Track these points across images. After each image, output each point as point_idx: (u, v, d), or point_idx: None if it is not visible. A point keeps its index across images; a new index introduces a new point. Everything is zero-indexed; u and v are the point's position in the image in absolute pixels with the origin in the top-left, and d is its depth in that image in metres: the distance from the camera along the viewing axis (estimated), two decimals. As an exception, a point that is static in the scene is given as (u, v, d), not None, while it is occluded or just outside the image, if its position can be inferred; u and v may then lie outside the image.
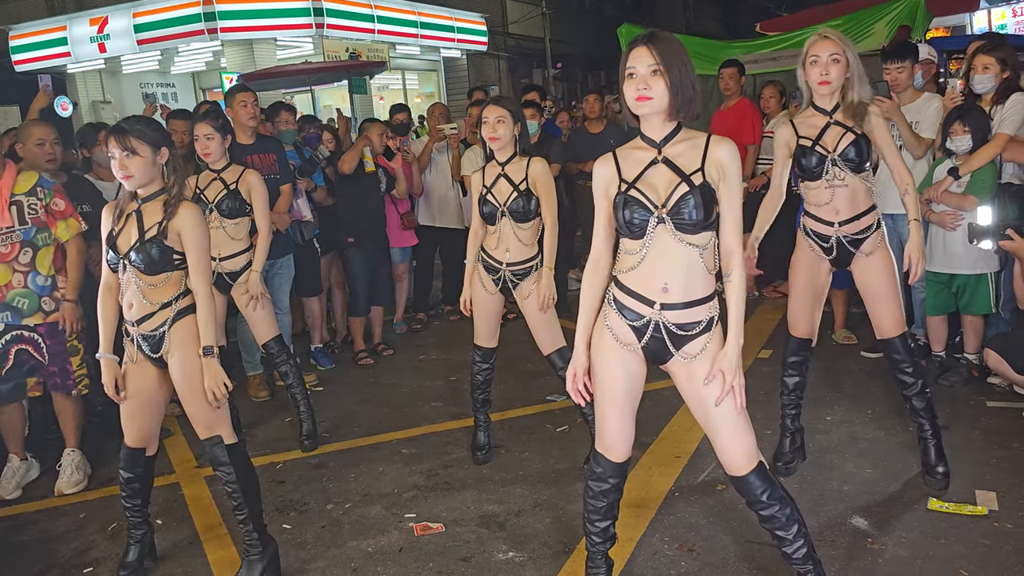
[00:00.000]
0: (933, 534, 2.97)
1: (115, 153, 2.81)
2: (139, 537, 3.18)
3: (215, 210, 4.21)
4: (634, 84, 2.25)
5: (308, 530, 3.44)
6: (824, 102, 3.21)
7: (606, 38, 24.99)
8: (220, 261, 4.22)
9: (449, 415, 4.63)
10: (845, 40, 3.12)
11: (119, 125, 2.85)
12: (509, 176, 3.62)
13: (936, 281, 4.37)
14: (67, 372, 3.97)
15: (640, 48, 2.25)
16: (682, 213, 2.27)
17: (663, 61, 2.21)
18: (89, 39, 14.49)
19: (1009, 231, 3.54)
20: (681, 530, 3.16)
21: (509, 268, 3.70)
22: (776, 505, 2.40)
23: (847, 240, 3.25)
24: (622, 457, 2.55)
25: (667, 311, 2.34)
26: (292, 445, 4.36)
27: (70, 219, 3.95)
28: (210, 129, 4.17)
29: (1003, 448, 3.62)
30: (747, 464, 2.40)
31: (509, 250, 3.68)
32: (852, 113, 3.15)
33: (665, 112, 2.28)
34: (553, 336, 3.76)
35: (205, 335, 2.87)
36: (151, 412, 3.05)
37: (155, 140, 2.85)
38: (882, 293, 3.27)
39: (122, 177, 2.84)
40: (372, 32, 15.06)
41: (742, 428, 2.39)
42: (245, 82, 10.29)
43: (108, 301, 3.00)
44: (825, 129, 3.20)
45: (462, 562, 3.09)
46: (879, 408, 4.17)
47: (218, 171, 4.26)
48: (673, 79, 2.22)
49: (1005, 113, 4.16)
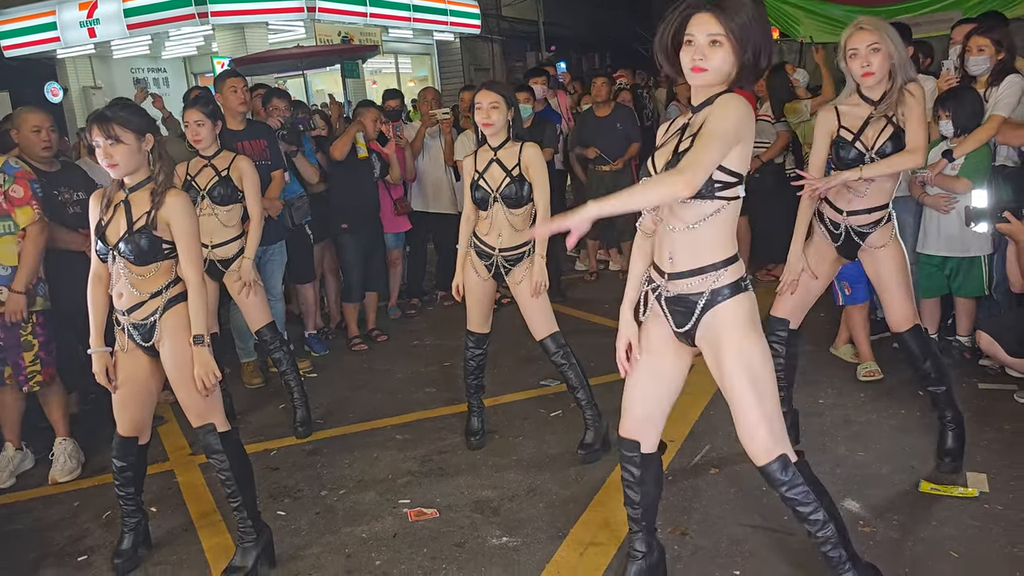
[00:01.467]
0: (924, 516, 2.99)
1: (99, 141, 2.77)
2: (133, 525, 3.18)
3: (207, 197, 4.19)
4: (690, 53, 2.13)
5: (302, 516, 3.45)
6: (872, 93, 3.14)
7: (600, 21, 24.96)
8: (212, 248, 4.20)
9: (443, 401, 4.63)
10: (884, 27, 3.05)
11: (102, 112, 2.80)
12: (502, 161, 3.61)
13: (929, 263, 4.37)
14: (19, 367, 3.87)
15: (703, 14, 2.10)
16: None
17: (729, 32, 2.07)
18: (79, 24, 14.35)
19: (1006, 213, 3.54)
20: (674, 514, 3.17)
21: (502, 253, 3.69)
22: (799, 496, 2.33)
23: (854, 230, 3.25)
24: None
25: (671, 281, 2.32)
26: (286, 432, 4.36)
27: (26, 207, 3.81)
28: (200, 115, 4.14)
29: (994, 430, 3.63)
30: (764, 454, 2.32)
31: (501, 235, 3.67)
32: (895, 98, 3.07)
33: (722, 82, 2.16)
34: (547, 321, 3.76)
35: (196, 324, 2.85)
36: (143, 401, 3.04)
37: (139, 127, 2.81)
38: (890, 287, 3.27)
39: (107, 166, 2.80)
40: (364, 16, 14.93)
41: (753, 419, 2.29)
42: (236, 67, 10.22)
43: (97, 291, 2.98)
44: (867, 122, 3.15)
45: (456, 547, 3.10)
46: (872, 391, 4.18)
47: (209, 157, 4.23)
48: (741, 48, 2.08)
49: (1000, 95, 4.14)
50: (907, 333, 3.29)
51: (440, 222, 6.42)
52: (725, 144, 2.10)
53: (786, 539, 2.96)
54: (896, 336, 3.36)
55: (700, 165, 2.05)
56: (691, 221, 2.24)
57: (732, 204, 2.24)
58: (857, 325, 4.45)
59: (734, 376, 2.28)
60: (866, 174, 3.09)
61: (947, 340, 4.56)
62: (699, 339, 2.34)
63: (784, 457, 2.32)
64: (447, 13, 17.36)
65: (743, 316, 2.28)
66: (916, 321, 3.30)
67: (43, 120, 4.20)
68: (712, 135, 2.07)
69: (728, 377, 2.29)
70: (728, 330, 2.27)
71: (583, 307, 6.27)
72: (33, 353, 3.91)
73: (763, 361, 2.29)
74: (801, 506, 2.34)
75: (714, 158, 2.08)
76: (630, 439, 2.57)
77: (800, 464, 2.34)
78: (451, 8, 17.47)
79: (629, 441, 2.57)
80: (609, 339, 5.60)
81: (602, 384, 4.45)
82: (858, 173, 3.10)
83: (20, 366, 3.89)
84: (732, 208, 2.24)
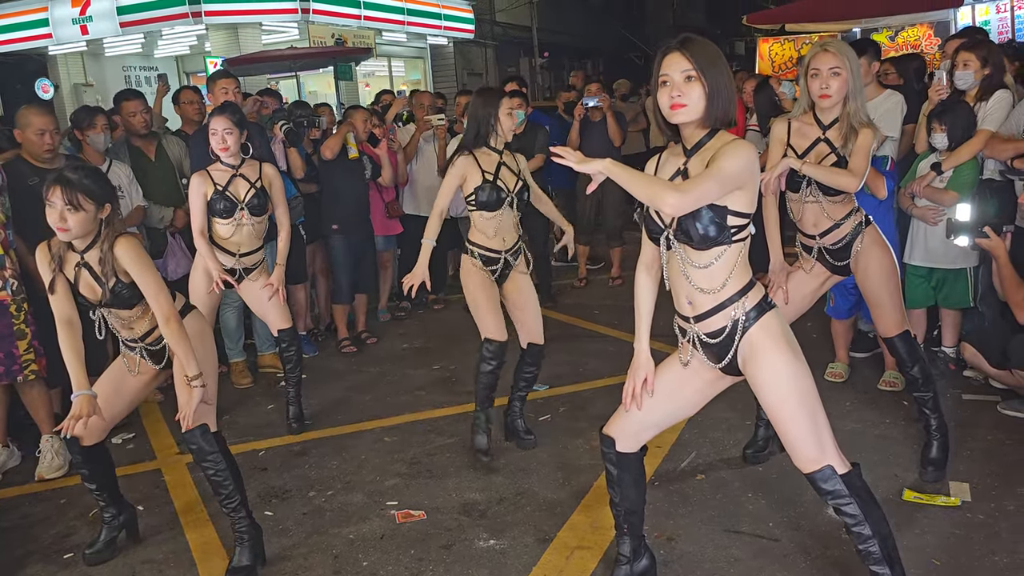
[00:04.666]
0: (907, 524, 3.02)
1: (56, 203, 2.72)
2: (108, 520, 3.20)
3: (245, 208, 4.16)
4: (667, 92, 2.19)
5: (290, 517, 3.45)
6: (824, 115, 3.20)
7: (593, 28, 25.07)
8: (240, 257, 4.21)
9: (432, 403, 4.64)
10: (847, 52, 3.11)
11: (67, 177, 2.73)
12: (508, 165, 3.74)
13: (915, 275, 4.42)
14: (13, 356, 3.85)
15: (674, 54, 2.18)
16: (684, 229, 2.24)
17: (698, 66, 2.14)
18: (71, 21, 14.30)
19: (986, 229, 3.58)
20: (660, 519, 3.19)
21: (507, 253, 3.78)
22: (844, 507, 2.32)
23: (827, 250, 3.30)
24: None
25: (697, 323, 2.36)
26: (274, 432, 4.36)
27: None
28: (229, 123, 4.07)
29: (977, 440, 3.67)
30: (808, 465, 2.32)
31: (506, 238, 3.77)
32: (845, 130, 3.14)
33: (700, 119, 2.20)
34: (540, 326, 3.85)
35: (188, 365, 2.85)
36: (115, 412, 3.08)
37: (101, 197, 2.79)
38: (875, 294, 3.31)
39: (57, 228, 2.75)
40: (358, 18, 14.95)
41: (796, 433, 2.30)
42: (229, 67, 10.22)
43: (70, 337, 2.90)
44: (814, 144, 3.21)
45: (443, 549, 3.12)
46: (857, 400, 4.22)
47: (236, 167, 4.17)
48: (710, 84, 2.15)
49: (988, 109, 4.20)
50: (896, 338, 3.33)
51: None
52: (726, 185, 2.14)
53: (771, 546, 2.98)
54: (885, 341, 3.40)
55: (697, 193, 2.10)
56: (704, 263, 2.27)
57: (744, 240, 2.28)
58: (839, 336, 4.56)
59: (773, 392, 2.29)
60: (806, 169, 3.14)
61: (932, 351, 4.60)
62: (742, 367, 2.35)
63: (829, 468, 2.30)
64: (441, 17, 17.41)
65: (775, 333, 2.30)
66: (905, 327, 3.34)
67: (47, 123, 4.19)
68: (720, 171, 2.12)
69: (768, 394, 2.30)
70: (762, 349, 2.29)
71: (573, 312, 6.30)
72: (27, 341, 3.89)
73: (801, 374, 2.29)
74: (847, 517, 2.34)
75: (712, 194, 2.13)
76: (608, 436, 2.59)
77: (850, 476, 2.32)
78: (445, 12, 17.52)
79: (606, 437, 2.60)
80: (601, 344, 5.68)
81: (595, 389, 4.50)
82: (801, 164, 3.15)
83: (14, 355, 3.87)
84: (743, 243, 2.28)
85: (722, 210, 2.19)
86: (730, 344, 2.32)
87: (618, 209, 7.04)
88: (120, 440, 4.31)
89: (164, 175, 5.19)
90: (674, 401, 2.53)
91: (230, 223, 4.15)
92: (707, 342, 2.36)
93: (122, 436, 4.35)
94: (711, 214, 2.18)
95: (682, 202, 2.08)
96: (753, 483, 3.45)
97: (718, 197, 2.15)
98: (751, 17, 10.71)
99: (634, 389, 2.49)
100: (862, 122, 3.12)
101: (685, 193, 2.08)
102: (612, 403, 2.72)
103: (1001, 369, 3.82)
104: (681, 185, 2.13)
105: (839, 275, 3.39)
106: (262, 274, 4.29)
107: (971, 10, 10.61)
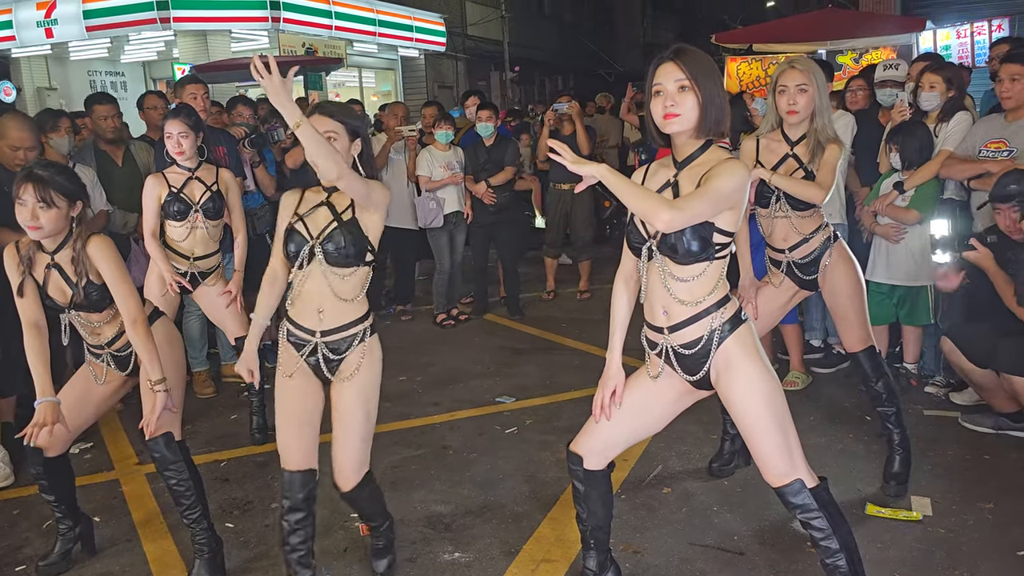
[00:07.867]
0: (870, 538, 3.04)
1: (27, 201, 2.66)
2: (63, 532, 3.12)
3: (200, 211, 4.11)
4: (661, 101, 2.19)
5: (251, 529, 3.39)
6: (792, 131, 3.26)
7: (565, 43, 25.25)
8: (194, 260, 4.14)
9: (397, 415, 4.60)
10: (815, 70, 3.16)
11: (38, 174, 2.67)
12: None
13: (878, 291, 4.48)
14: None
15: (667, 64, 2.19)
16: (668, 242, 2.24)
17: (692, 76, 2.15)
18: (36, 23, 14.07)
19: (972, 240, 3.63)
20: (626, 532, 3.19)
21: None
22: (812, 521, 2.34)
23: (796, 264, 3.34)
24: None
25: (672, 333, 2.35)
26: (237, 442, 4.29)
27: None
28: (184, 127, 4.01)
29: (938, 455, 3.72)
30: (778, 478, 2.33)
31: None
32: (812, 146, 3.20)
33: (694, 129, 2.21)
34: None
35: (152, 370, 2.81)
36: (80, 423, 3.00)
37: (73, 194, 2.74)
38: (842, 309, 3.35)
39: (28, 227, 2.69)
40: (329, 28, 14.89)
41: (768, 447, 2.30)
42: (198, 73, 10.11)
43: (36, 342, 2.83)
44: (783, 160, 3.26)
45: (407, 562, 3.08)
46: (820, 415, 4.26)
47: (192, 170, 4.11)
48: (703, 94, 2.16)
49: (949, 131, 4.29)
50: (862, 353, 3.37)
51: (399, 237, 6.39)
52: (719, 204, 2.15)
53: (735, 559, 2.99)
54: (851, 357, 3.45)
55: (692, 212, 2.11)
56: (686, 276, 2.28)
57: (725, 257, 2.30)
58: (792, 343, 4.68)
59: (747, 405, 2.29)
60: (774, 180, 3.19)
61: (895, 367, 4.66)
62: (713, 381, 2.35)
63: (799, 482, 2.31)
64: (412, 29, 17.41)
65: (749, 346, 2.31)
66: (871, 342, 3.38)
67: (24, 141, 4.07)
68: (716, 192, 2.13)
69: (741, 407, 2.31)
70: (737, 362, 2.30)
71: (541, 325, 6.30)
72: None
73: (774, 388, 2.30)
74: (814, 531, 2.35)
75: (705, 213, 2.14)
76: (575, 453, 2.58)
77: (818, 490, 2.33)
78: (416, 24, 17.52)
79: (574, 455, 2.58)
80: (568, 357, 5.67)
81: (562, 401, 4.49)
82: (769, 175, 3.20)
83: None
84: (724, 259, 2.30)
85: (709, 227, 2.20)
86: (705, 356, 2.32)
87: (587, 222, 7.07)
88: (78, 450, 4.20)
89: (130, 181, 5.10)
90: (641, 416, 2.52)
91: (184, 225, 4.09)
92: (681, 353, 2.36)
93: (80, 446, 4.24)
94: (697, 230, 2.19)
95: (676, 219, 2.09)
96: (719, 496, 3.46)
97: (712, 216, 2.17)
98: (719, 36, 10.85)
99: (603, 400, 2.48)
100: (829, 138, 3.18)
101: (680, 211, 2.09)
102: (580, 415, 2.72)
103: (983, 368, 3.81)
104: (676, 202, 2.13)
105: (807, 290, 3.43)
106: (219, 280, 4.22)
107: (932, 35, 10.85)
